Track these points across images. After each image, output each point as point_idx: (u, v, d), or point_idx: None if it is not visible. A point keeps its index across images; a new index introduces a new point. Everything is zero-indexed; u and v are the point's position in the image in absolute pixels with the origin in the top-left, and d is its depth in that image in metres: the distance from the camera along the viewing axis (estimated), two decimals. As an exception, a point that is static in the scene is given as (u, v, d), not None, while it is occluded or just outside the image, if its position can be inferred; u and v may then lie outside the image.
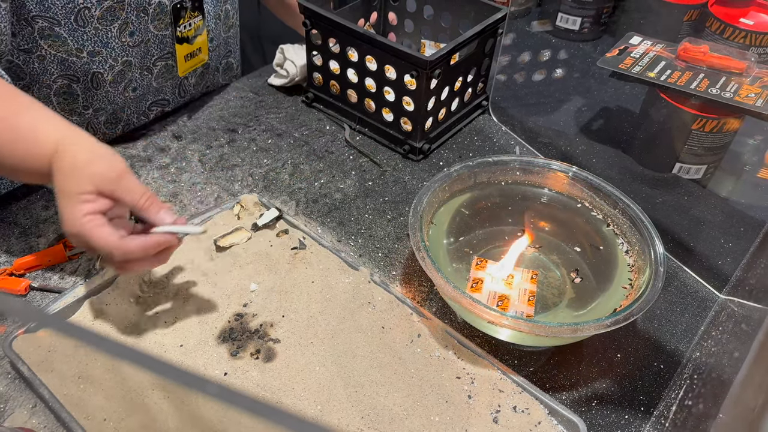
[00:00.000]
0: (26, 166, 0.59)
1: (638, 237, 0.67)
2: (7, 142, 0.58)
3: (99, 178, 0.56)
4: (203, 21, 0.85)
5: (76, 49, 0.73)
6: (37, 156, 0.58)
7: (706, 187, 0.87)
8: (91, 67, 0.76)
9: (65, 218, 0.55)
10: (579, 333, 0.56)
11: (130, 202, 0.57)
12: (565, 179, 0.74)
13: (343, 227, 0.77)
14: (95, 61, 0.75)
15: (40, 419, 0.55)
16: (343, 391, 0.58)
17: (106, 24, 0.73)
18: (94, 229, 0.55)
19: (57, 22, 0.70)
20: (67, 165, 0.56)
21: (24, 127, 0.58)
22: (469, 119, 0.96)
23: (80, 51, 0.73)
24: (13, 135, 0.58)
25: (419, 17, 0.99)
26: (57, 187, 0.56)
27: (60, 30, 0.71)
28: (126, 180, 0.57)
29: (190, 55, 0.86)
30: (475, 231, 0.72)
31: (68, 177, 0.56)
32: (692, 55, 0.84)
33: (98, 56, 0.75)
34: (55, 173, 0.57)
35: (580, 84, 1.07)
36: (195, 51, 0.87)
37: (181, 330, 0.62)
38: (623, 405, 0.61)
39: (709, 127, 0.81)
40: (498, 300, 0.64)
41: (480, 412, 0.58)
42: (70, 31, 0.71)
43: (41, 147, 0.57)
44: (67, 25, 0.71)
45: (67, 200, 0.55)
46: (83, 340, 0.22)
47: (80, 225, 0.55)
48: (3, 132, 0.58)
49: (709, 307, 0.72)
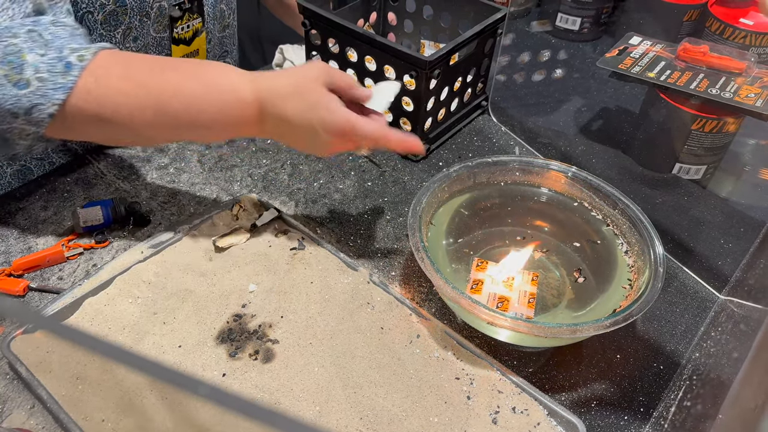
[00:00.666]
0: (236, 120, 0.63)
1: (638, 237, 0.67)
2: (215, 111, 0.62)
3: (321, 78, 0.62)
4: (203, 23, 0.85)
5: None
6: (238, 101, 0.62)
7: (705, 188, 0.87)
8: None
9: (331, 123, 0.61)
10: (578, 334, 0.56)
11: (347, 82, 0.64)
12: (564, 179, 0.74)
13: (342, 228, 0.77)
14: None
15: (39, 420, 0.55)
16: (342, 392, 0.58)
17: (110, 29, 0.73)
18: (359, 119, 0.62)
19: None
20: (286, 88, 0.62)
21: (212, 80, 0.62)
22: (468, 119, 0.96)
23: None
24: (208, 89, 0.62)
25: (419, 17, 0.99)
26: (292, 112, 0.61)
27: None
28: (332, 68, 0.64)
29: (187, 56, 0.86)
30: (475, 231, 0.72)
31: (301, 95, 0.61)
32: (692, 55, 0.84)
33: None
34: (280, 102, 0.61)
35: (580, 84, 1.07)
36: (192, 52, 0.87)
37: (180, 331, 0.62)
38: (623, 406, 0.61)
39: (709, 127, 0.80)
40: (498, 301, 0.64)
41: (479, 413, 0.57)
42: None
43: (238, 92, 0.62)
44: None
45: (318, 109, 0.61)
46: (78, 342, 0.22)
47: (346, 118, 0.61)
48: (198, 88, 0.61)
49: (709, 308, 0.72)
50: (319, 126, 0.61)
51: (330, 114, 0.61)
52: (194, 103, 0.61)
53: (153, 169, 0.82)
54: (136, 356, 0.21)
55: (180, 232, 0.72)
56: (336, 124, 0.61)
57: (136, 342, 0.61)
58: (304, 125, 0.61)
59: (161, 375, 0.20)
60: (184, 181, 0.81)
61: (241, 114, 0.62)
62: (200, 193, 0.80)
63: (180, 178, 0.82)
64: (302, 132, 0.62)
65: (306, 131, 0.62)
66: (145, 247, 0.69)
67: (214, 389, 0.19)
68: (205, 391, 0.19)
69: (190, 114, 0.61)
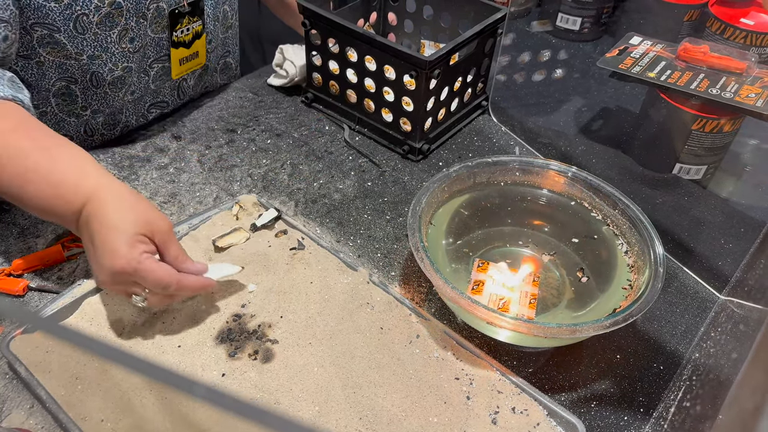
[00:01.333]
0: (57, 211, 0.60)
1: (638, 237, 0.67)
2: (42, 190, 0.59)
3: (155, 226, 0.59)
4: (203, 26, 0.85)
5: (76, 53, 0.73)
6: (71, 201, 0.59)
7: (706, 188, 0.87)
8: (91, 67, 0.75)
9: (119, 253, 0.56)
10: (578, 334, 0.56)
11: (173, 253, 0.60)
12: (564, 180, 0.74)
13: (342, 228, 0.77)
14: (95, 63, 0.75)
15: (38, 420, 0.55)
16: (342, 392, 0.58)
17: (105, 30, 0.73)
18: (153, 264, 0.57)
19: (56, 29, 0.70)
20: (115, 205, 0.58)
21: (59, 175, 0.59)
22: (468, 119, 0.96)
23: (80, 54, 0.73)
24: (50, 185, 0.59)
25: (419, 17, 0.99)
26: (103, 223, 0.57)
27: (60, 36, 0.70)
28: (173, 235, 0.61)
29: (186, 58, 0.86)
30: (474, 231, 0.72)
31: (122, 215, 0.57)
32: (692, 55, 0.84)
33: (98, 59, 0.75)
34: (98, 212, 0.57)
35: (580, 84, 1.07)
36: (191, 55, 0.86)
37: (179, 331, 0.62)
38: (623, 406, 0.61)
39: (709, 127, 0.80)
40: (499, 302, 0.64)
41: (479, 413, 0.57)
42: (70, 37, 0.71)
43: (77, 194, 0.59)
44: (67, 32, 0.71)
45: (121, 236, 0.56)
46: (75, 343, 0.22)
47: (138, 261, 0.56)
48: (39, 182, 0.59)
49: (709, 308, 0.72)
50: (110, 251, 0.56)
51: (119, 250, 0.56)
52: (35, 192, 0.59)
53: (153, 168, 0.82)
54: (132, 357, 0.21)
55: (180, 232, 0.72)
56: (115, 260, 0.56)
57: (135, 342, 0.61)
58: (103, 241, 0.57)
59: (157, 375, 0.20)
60: (183, 181, 0.81)
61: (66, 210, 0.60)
62: (200, 192, 0.80)
63: (180, 177, 0.81)
64: (96, 245, 0.57)
65: (96, 248, 0.57)
66: (144, 247, 0.69)
67: (209, 390, 0.19)
68: (200, 391, 0.19)
69: (24, 195, 0.60)
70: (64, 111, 0.78)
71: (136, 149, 0.85)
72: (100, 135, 0.84)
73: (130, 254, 0.56)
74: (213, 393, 0.20)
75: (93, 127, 0.82)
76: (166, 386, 0.57)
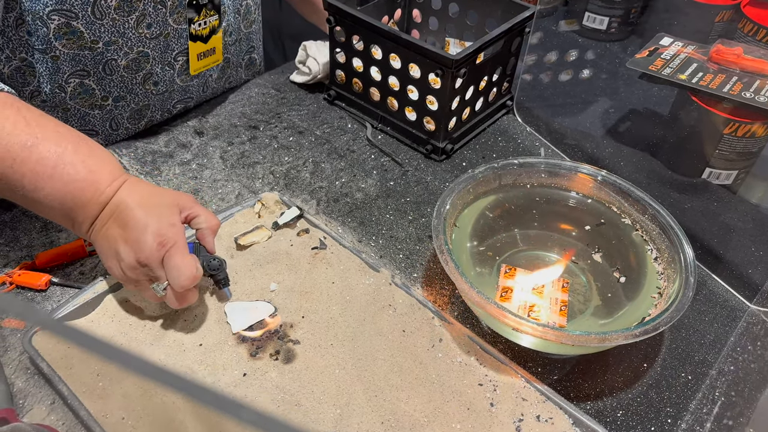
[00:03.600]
0: (79, 201, 0.58)
1: (668, 244, 0.65)
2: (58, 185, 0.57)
3: (182, 199, 0.61)
4: (219, 21, 0.84)
5: (92, 41, 0.72)
6: (100, 190, 0.58)
7: (736, 194, 0.85)
8: (105, 56, 0.74)
9: (160, 223, 0.56)
10: (607, 342, 0.55)
11: (205, 221, 0.61)
12: (592, 183, 0.72)
13: (364, 227, 0.76)
14: (110, 49, 0.74)
15: (59, 416, 0.54)
16: (363, 395, 0.57)
17: (123, 15, 0.72)
18: (185, 248, 0.57)
19: (74, 16, 0.69)
20: (144, 190, 0.59)
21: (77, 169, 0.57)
22: (493, 119, 0.95)
23: (96, 42, 0.72)
24: (65, 179, 0.57)
25: (444, 15, 0.98)
26: (138, 203, 0.57)
27: (77, 24, 0.70)
28: (197, 204, 0.62)
29: (204, 54, 0.85)
30: (499, 234, 0.71)
31: (153, 196, 0.59)
32: (725, 57, 0.82)
33: (113, 45, 0.74)
34: (131, 193, 0.58)
35: (608, 85, 1.05)
36: (209, 50, 0.85)
37: (201, 329, 0.62)
38: (649, 416, 0.60)
39: (742, 131, 0.78)
40: (529, 310, 0.62)
41: (503, 421, 0.56)
42: (88, 24, 0.70)
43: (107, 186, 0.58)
44: (85, 18, 0.70)
45: (161, 210, 0.57)
46: (80, 344, 0.21)
47: (175, 234, 0.57)
48: (55, 179, 0.57)
49: (739, 317, 0.70)
50: (146, 225, 0.56)
51: (162, 218, 0.57)
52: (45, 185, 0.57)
53: (175, 164, 0.82)
54: (139, 359, 0.20)
55: (201, 229, 0.71)
56: (154, 228, 0.56)
57: (156, 339, 0.61)
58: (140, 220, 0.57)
59: (162, 379, 0.19)
60: (206, 178, 0.81)
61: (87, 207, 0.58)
62: (222, 189, 0.79)
63: (202, 174, 0.81)
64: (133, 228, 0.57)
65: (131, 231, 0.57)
66: (166, 244, 0.69)
67: (218, 396, 0.18)
68: (208, 398, 0.18)
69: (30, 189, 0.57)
70: (86, 105, 0.78)
71: (159, 144, 0.85)
72: (125, 129, 0.84)
73: (170, 222, 0.57)
74: (219, 399, 0.19)
75: (118, 121, 0.82)
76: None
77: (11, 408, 0.54)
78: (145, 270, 0.57)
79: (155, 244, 0.56)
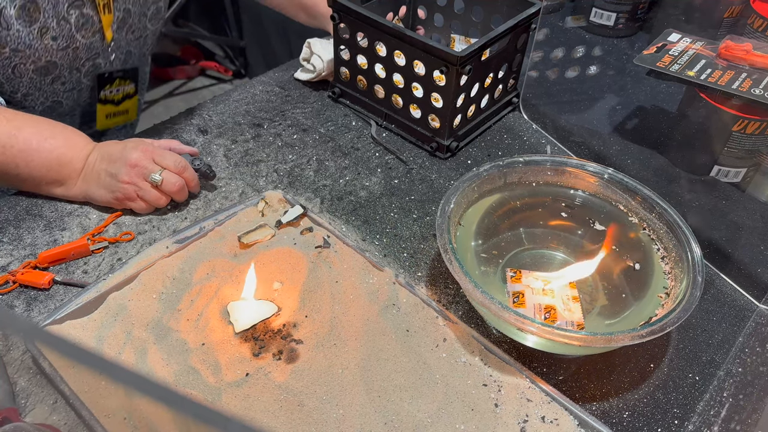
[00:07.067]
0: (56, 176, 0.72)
1: (675, 243, 0.64)
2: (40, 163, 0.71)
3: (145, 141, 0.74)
4: (135, 89, 0.90)
5: (11, 92, 0.79)
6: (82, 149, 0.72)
7: (745, 191, 0.84)
8: (23, 103, 0.82)
9: (135, 142, 0.72)
10: (613, 343, 0.54)
11: (167, 143, 0.75)
12: (599, 181, 0.71)
13: (368, 226, 0.76)
14: (27, 100, 0.82)
15: (61, 416, 0.54)
16: (366, 395, 0.57)
17: (40, 75, 0.80)
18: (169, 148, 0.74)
19: None
20: (114, 142, 0.73)
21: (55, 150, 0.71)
22: (498, 116, 0.94)
23: (14, 93, 0.79)
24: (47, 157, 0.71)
25: (449, 11, 0.97)
26: (113, 144, 0.73)
27: None
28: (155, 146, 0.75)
29: (113, 114, 0.91)
30: (504, 233, 0.70)
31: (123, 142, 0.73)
32: (734, 53, 0.81)
33: (30, 97, 0.81)
34: (105, 145, 0.73)
35: (615, 81, 1.04)
36: (120, 111, 0.92)
37: (204, 328, 0.62)
38: (656, 417, 0.59)
39: (751, 128, 0.77)
40: (545, 312, 0.62)
41: (507, 422, 0.56)
42: (7, 80, 0.77)
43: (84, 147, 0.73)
44: (5, 76, 0.76)
45: (134, 142, 0.73)
46: (69, 356, 0.21)
47: (151, 142, 0.73)
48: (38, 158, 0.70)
49: (747, 317, 0.69)
50: (126, 145, 0.72)
51: (136, 142, 0.73)
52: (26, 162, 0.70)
53: (179, 162, 0.82)
54: (127, 371, 0.19)
55: (205, 228, 0.71)
56: (136, 143, 0.72)
57: (159, 338, 0.60)
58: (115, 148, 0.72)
59: (143, 388, 0.19)
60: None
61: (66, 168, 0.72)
62: (226, 187, 0.79)
63: (205, 172, 0.81)
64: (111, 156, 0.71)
65: (112, 155, 0.71)
66: (170, 242, 0.69)
67: (203, 409, 0.18)
68: (191, 408, 0.18)
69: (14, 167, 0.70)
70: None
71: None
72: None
73: (143, 143, 0.72)
74: (206, 411, 0.19)
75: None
76: (188, 384, 0.57)
77: (14, 407, 0.54)
78: (138, 170, 0.70)
79: (139, 150, 0.71)
